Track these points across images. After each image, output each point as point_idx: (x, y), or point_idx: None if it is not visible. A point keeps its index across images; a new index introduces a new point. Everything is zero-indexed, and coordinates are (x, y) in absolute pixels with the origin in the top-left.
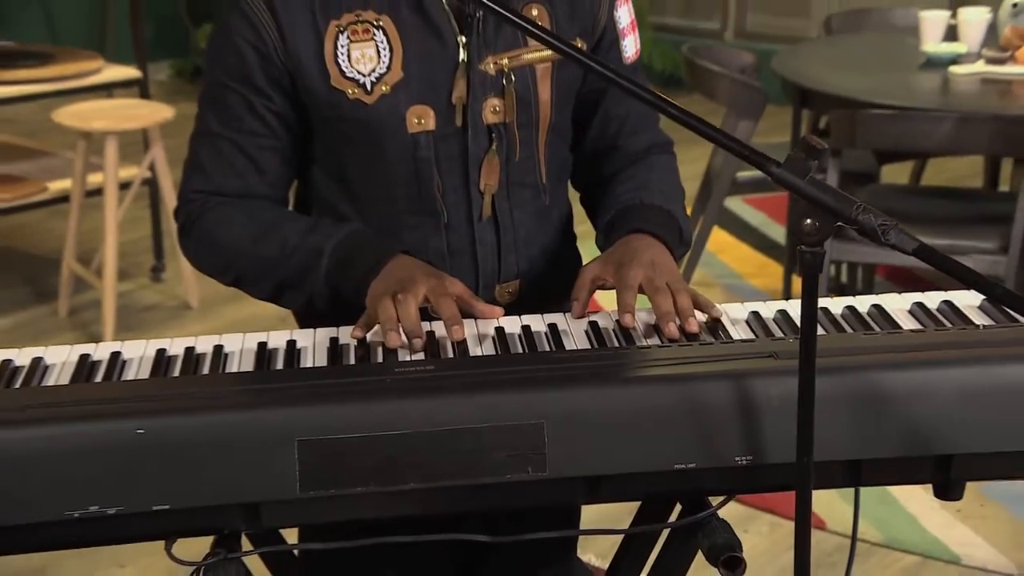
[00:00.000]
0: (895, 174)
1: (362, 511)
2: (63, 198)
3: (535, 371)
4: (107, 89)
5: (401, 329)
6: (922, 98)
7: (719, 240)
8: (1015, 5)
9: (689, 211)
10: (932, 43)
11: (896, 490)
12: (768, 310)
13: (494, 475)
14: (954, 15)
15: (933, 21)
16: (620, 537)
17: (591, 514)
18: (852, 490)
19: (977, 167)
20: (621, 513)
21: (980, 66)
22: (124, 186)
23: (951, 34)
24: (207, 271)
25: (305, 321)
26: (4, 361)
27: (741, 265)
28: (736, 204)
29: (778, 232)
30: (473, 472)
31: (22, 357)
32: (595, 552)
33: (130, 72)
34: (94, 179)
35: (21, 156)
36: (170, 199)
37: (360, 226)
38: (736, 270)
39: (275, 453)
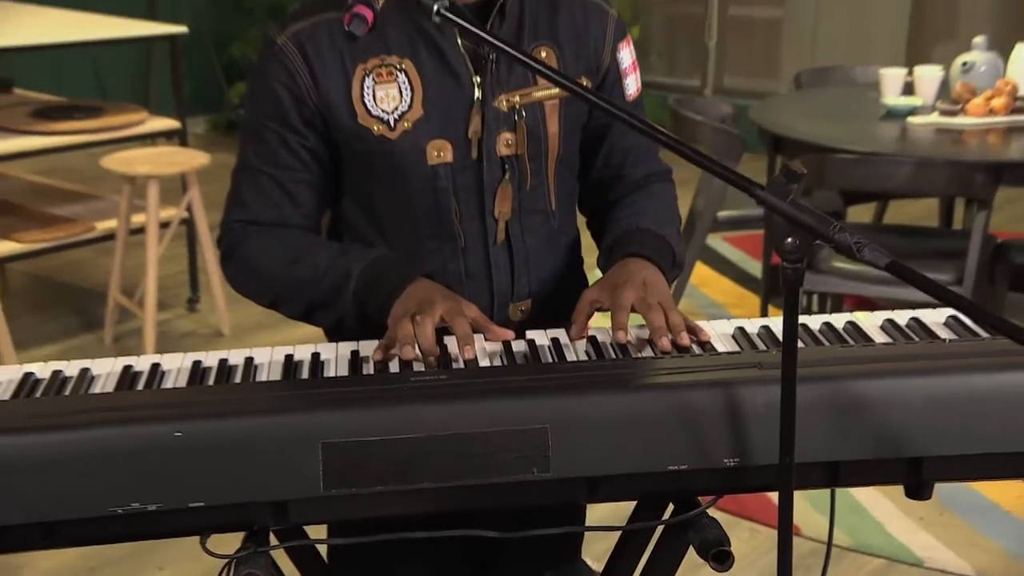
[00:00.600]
0: (859, 214)
1: (380, 508)
2: (109, 236)
3: (539, 380)
4: (150, 138)
5: (417, 346)
6: (883, 145)
7: (701, 274)
8: (965, 64)
9: None
10: (891, 97)
11: (864, 499)
12: (752, 326)
13: (502, 475)
14: (910, 72)
15: (892, 77)
16: (616, 540)
17: (590, 515)
18: (826, 500)
19: (933, 208)
20: (618, 516)
21: (935, 117)
22: (164, 225)
23: (908, 89)
24: (246, 293)
25: (334, 339)
26: (55, 372)
27: (722, 296)
28: (717, 242)
29: (755, 267)
30: (483, 473)
31: (71, 368)
32: (592, 556)
33: (171, 123)
34: (137, 219)
35: (72, 199)
36: (205, 237)
37: (386, 251)
38: (717, 301)
39: (301, 454)
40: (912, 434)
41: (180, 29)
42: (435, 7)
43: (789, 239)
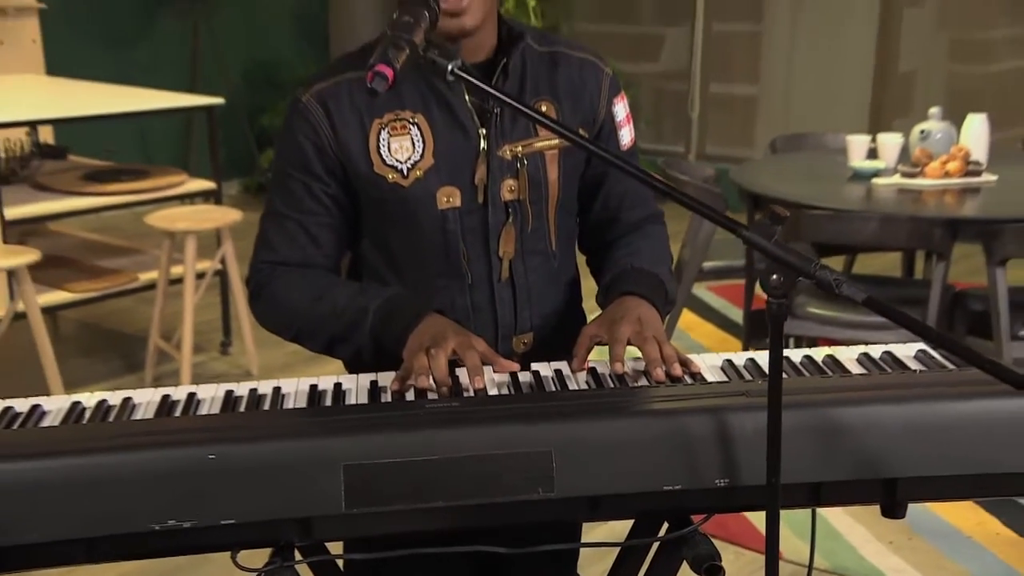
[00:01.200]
0: (831, 265)
1: (397, 525)
2: (150, 287)
3: (544, 407)
4: (188, 198)
5: (431, 377)
6: (851, 203)
7: (687, 319)
8: (922, 132)
9: None
10: (858, 160)
11: (840, 525)
12: (739, 359)
13: (509, 495)
14: (874, 139)
15: (858, 143)
16: (612, 559)
17: (590, 536)
18: (805, 525)
19: (896, 261)
20: (616, 536)
21: (897, 179)
22: (200, 276)
23: (872, 154)
24: (272, 328)
25: (353, 370)
26: (100, 401)
27: (706, 341)
28: (701, 290)
29: (736, 314)
30: (492, 492)
31: (114, 398)
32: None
33: (207, 185)
34: (176, 271)
35: (117, 253)
36: (237, 287)
37: (400, 290)
38: (702, 344)
39: (324, 475)
40: (887, 457)
41: (217, 101)
42: (449, 67)
43: (774, 276)
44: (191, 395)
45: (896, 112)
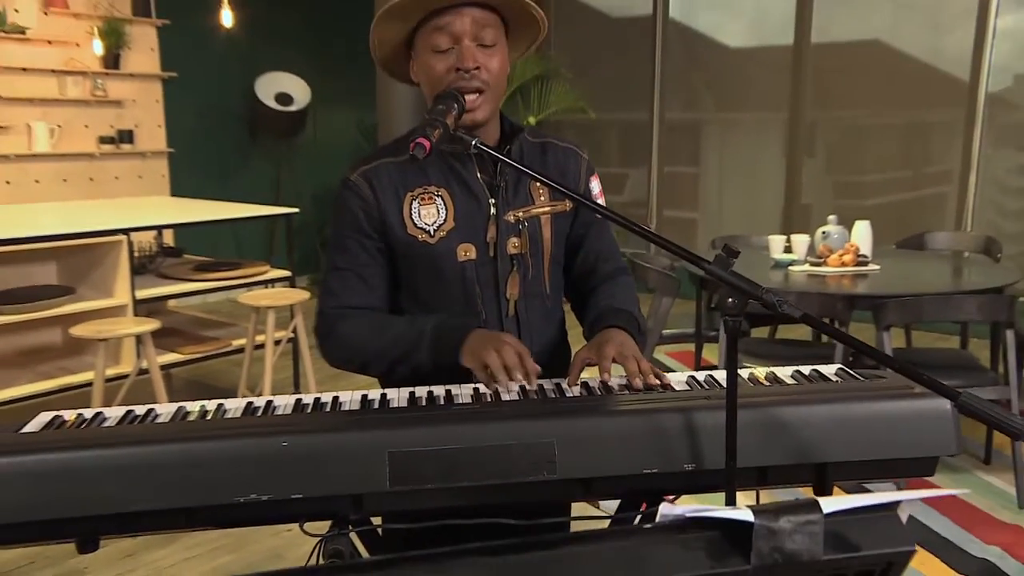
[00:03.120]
0: (760, 332)
1: (430, 501)
2: (240, 350)
3: (547, 408)
4: (270, 283)
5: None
6: (774, 284)
7: None
8: (824, 233)
9: None
10: (777, 254)
11: None
12: (700, 376)
13: (520, 476)
14: (788, 239)
15: (777, 241)
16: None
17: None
18: None
19: (808, 330)
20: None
21: (807, 267)
22: (277, 343)
23: (788, 249)
24: (339, 363)
25: (388, 386)
26: (202, 406)
27: None
28: (661, 355)
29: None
30: (506, 474)
31: (211, 404)
32: None
33: (284, 273)
34: (259, 338)
35: (216, 325)
36: (305, 351)
37: (445, 316)
38: None
39: (372, 460)
40: (818, 445)
41: (293, 211)
42: (473, 142)
43: (730, 299)
44: (269, 402)
45: (802, 219)
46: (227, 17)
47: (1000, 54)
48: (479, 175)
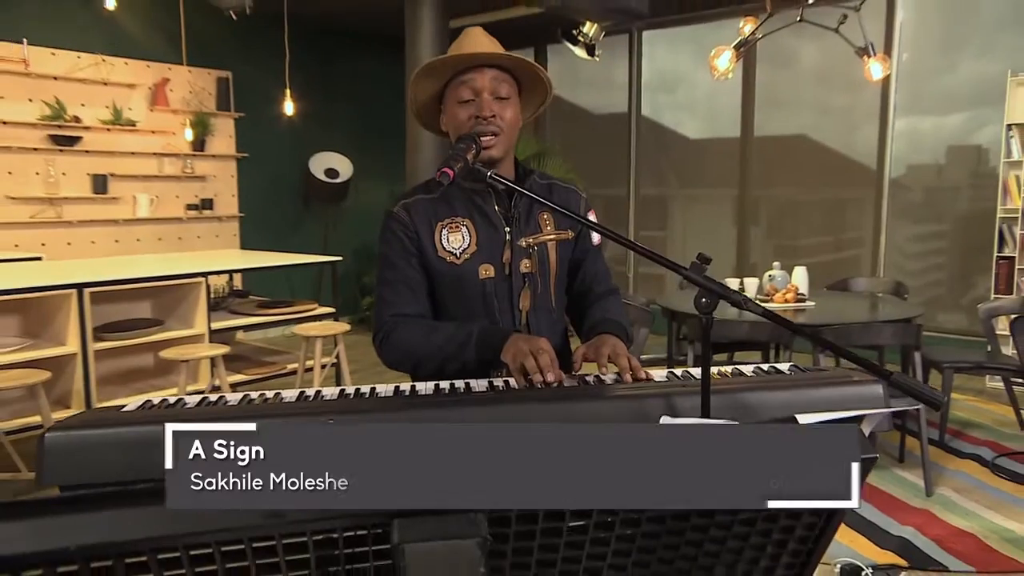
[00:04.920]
0: (719, 358)
1: None
2: (292, 373)
3: (552, 394)
4: (317, 318)
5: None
6: (732, 316)
7: None
8: (770, 276)
9: None
10: None
11: None
12: (678, 371)
13: None
14: (742, 281)
15: (732, 283)
16: None
17: None
18: None
19: (758, 355)
20: None
21: (756, 304)
22: (323, 367)
23: (741, 289)
24: (395, 363)
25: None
26: (261, 393)
27: None
28: None
29: None
30: None
31: (270, 393)
32: None
33: (329, 310)
34: (308, 363)
35: (273, 353)
36: (346, 373)
37: (486, 322)
38: None
39: None
40: (773, 418)
41: (338, 259)
42: (489, 173)
43: (704, 299)
44: (318, 391)
45: (752, 264)
46: (288, 107)
47: (898, 148)
48: (496, 208)
